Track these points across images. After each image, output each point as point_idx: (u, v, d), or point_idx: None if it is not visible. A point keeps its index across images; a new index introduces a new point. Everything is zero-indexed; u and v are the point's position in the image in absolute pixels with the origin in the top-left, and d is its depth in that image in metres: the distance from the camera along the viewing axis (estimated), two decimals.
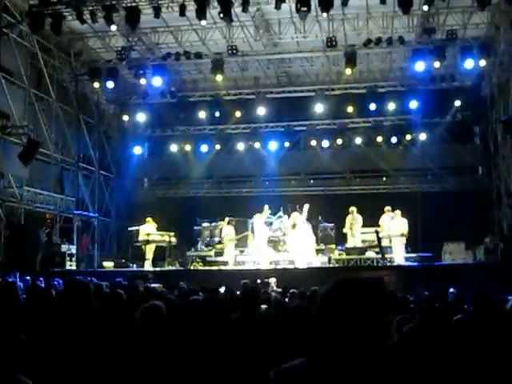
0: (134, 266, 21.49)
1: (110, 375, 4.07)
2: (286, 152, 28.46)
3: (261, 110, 26.25)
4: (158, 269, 20.18)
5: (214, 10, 19.70)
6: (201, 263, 21.70)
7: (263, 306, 7.59)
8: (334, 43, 21.12)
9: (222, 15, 19.28)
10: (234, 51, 22.24)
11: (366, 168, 27.61)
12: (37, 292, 10.04)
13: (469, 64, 21.73)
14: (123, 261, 22.31)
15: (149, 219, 21.75)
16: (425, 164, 26.43)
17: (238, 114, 27.08)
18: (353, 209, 21.41)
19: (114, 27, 20.41)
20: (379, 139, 27.21)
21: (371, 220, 21.50)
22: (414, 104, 25.24)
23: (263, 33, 22.61)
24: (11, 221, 20.29)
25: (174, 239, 21.55)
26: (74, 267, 20.91)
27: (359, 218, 21.37)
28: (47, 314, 5.76)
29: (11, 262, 17.59)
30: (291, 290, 9.91)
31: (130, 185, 28.86)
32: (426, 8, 19.04)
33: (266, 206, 21.80)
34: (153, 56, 24.03)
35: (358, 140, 27.50)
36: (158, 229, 21.67)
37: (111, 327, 5.16)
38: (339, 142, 27.64)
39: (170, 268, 20.76)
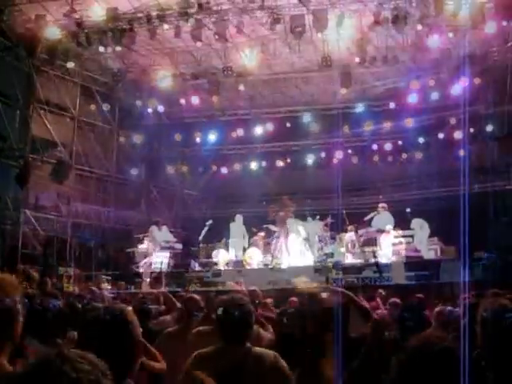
0: (132, 287, 21.41)
1: None
2: (283, 171, 28.45)
3: (256, 131, 26.31)
4: (155, 290, 20.08)
5: (209, 32, 19.82)
6: (198, 284, 21.59)
7: None
8: (328, 63, 21.19)
9: (216, 36, 19.42)
10: (230, 72, 22.31)
11: (363, 186, 27.56)
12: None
13: (464, 81, 21.85)
14: (121, 282, 22.24)
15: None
16: (421, 182, 26.42)
17: (233, 134, 27.13)
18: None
19: (109, 49, 20.50)
20: (376, 158, 27.23)
21: (368, 238, 21.46)
22: (409, 122, 25.29)
23: (258, 53, 22.71)
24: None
25: (171, 260, 21.50)
26: (71, 289, 20.81)
27: (357, 237, 21.36)
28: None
29: None
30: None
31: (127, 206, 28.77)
32: (420, 27, 19.17)
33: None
34: (148, 77, 24.11)
35: (355, 159, 27.49)
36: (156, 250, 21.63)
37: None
38: (335, 160, 27.65)
39: (168, 289, 20.65)
